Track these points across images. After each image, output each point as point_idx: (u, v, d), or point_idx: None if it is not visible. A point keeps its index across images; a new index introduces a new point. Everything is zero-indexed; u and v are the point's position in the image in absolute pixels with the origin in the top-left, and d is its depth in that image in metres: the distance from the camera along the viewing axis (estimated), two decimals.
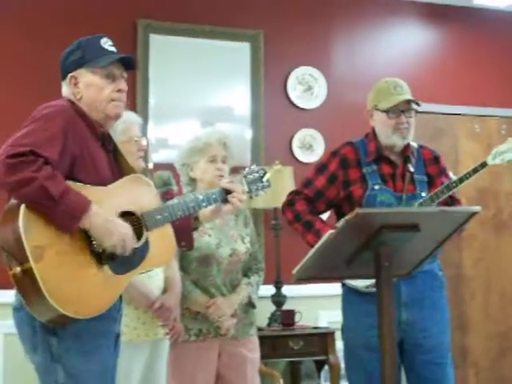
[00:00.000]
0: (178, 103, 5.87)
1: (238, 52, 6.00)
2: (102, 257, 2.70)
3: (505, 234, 6.79)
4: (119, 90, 2.91)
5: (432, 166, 3.87)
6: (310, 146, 6.13)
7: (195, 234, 3.62)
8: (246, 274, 3.96)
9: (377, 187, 3.73)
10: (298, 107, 6.15)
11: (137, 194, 2.90)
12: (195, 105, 5.89)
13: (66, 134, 2.69)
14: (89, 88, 2.88)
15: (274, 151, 5.79)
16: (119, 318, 2.91)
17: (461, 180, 3.65)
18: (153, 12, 5.77)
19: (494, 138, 6.77)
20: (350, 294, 3.81)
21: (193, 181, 3.91)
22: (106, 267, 2.71)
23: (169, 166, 4.18)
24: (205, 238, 3.81)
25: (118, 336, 2.90)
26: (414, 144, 3.90)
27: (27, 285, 2.54)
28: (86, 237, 2.67)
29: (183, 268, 3.77)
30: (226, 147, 3.89)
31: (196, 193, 3.19)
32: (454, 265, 6.48)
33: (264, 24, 6.07)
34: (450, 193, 3.69)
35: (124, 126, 3.55)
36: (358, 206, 3.68)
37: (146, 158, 5.03)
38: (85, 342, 2.72)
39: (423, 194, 3.73)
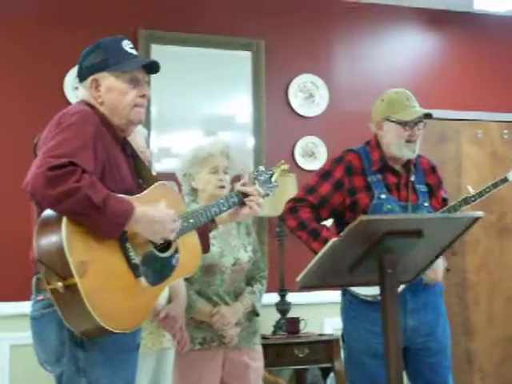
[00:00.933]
0: (180, 112, 5.88)
1: (240, 61, 6.01)
2: (138, 268, 2.67)
3: (509, 238, 6.78)
4: (143, 96, 2.87)
5: (431, 176, 3.90)
6: (313, 154, 6.14)
7: None
8: (248, 283, 3.96)
9: (383, 196, 3.74)
10: (299, 115, 6.16)
11: (164, 201, 2.85)
12: (197, 114, 5.90)
13: (95, 140, 2.65)
14: (111, 92, 2.82)
15: (277, 159, 5.70)
16: (140, 329, 2.88)
17: (480, 194, 3.70)
18: (154, 22, 5.79)
19: (496, 143, 6.77)
20: (354, 302, 3.80)
21: (194, 191, 3.91)
22: (142, 278, 2.68)
23: (171, 176, 4.19)
24: None
25: (138, 348, 2.88)
26: None
27: (68, 299, 2.50)
28: (123, 248, 2.64)
29: (186, 278, 3.77)
30: (229, 158, 3.90)
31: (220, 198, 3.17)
32: (458, 270, 6.48)
33: (265, 33, 6.09)
34: (468, 206, 3.71)
35: (131, 136, 3.54)
36: (362, 214, 3.68)
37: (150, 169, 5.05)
38: (111, 355, 2.69)
39: (426, 204, 3.75)
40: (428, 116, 3.78)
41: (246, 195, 3.14)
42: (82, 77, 2.88)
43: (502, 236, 6.76)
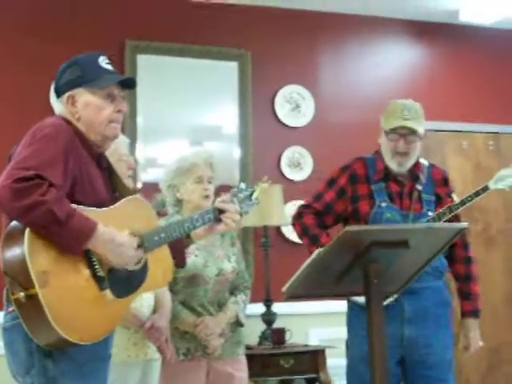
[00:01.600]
0: (167, 123, 5.88)
1: (226, 71, 6.02)
2: (104, 281, 2.66)
3: (494, 249, 6.80)
4: (119, 111, 2.88)
5: (441, 187, 3.90)
6: (299, 164, 6.15)
7: None
8: (232, 293, 3.96)
9: (383, 204, 3.76)
10: (285, 125, 6.17)
11: (136, 215, 2.86)
12: (183, 124, 5.90)
13: (67, 154, 2.65)
14: (87, 108, 2.82)
15: (263, 169, 5.77)
16: (111, 340, 2.88)
17: (462, 203, 3.70)
18: (140, 32, 5.79)
19: (481, 154, 6.80)
20: (353, 309, 3.83)
21: (179, 202, 3.91)
22: (108, 291, 2.67)
23: (157, 186, 4.18)
24: (191, 258, 3.80)
25: (109, 357, 2.87)
26: (425, 162, 3.93)
27: (31, 310, 2.50)
28: (88, 260, 2.63)
29: (170, 288, 3.75)
30: (212, 167, 3.91)
31: (192, 213, 3.17)
32: None
33: (251, 43, 6.10)
34: (452, 214, 3.71)
35: (113, 146, 3.53)
36: (364, 222, 3.73)
37: (134, 178, 5.04)
38: (80, 365, 2.67)
39: (430, 214, 3.75)
40: (412, 130, 3.77)
41: (222, 211, 3.14)
42: (58, 92, 2.89)
43: (487, 246, 6.77)
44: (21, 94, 5.42)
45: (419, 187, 3.82)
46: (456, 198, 3.75)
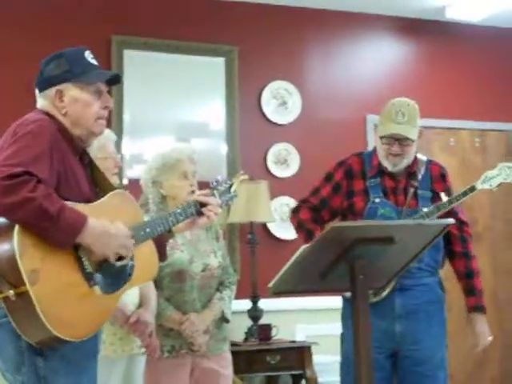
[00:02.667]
0: (153, 119, 5.87)
1: (213, 67, 6.01)
2: (92, 277, 2.65)
3: (480, 245, 6.80)
4: (106, 107, 2.87)
5: (439, 183, 3.89)
6: (285, 161, 6.15)
7: (167, 250, 3.62)
8: (217, 289, 3.95)
9: (377, 200, 3.77)
10: (272, 122, 6.17)
11: (121, 210, 2.85)
12: (170, 120, 5.90)
13: (52, 150, 2.63)
14: (76, 104, 2.80)
15: (249, 166, 5.77)
16: (100, 335, 2.88)
17: (450, 202, 3.70)
18: (127, 27, 5.78)
19: (468, 151, 6.82)
20: (347, 305, 3.83)
21: (164, 198, 3.90)
22: (97, 287, 2.66)
23: None
24: (177, 254, 3.80)
25: (98, 352, 2.86)
26: (423, 158, 3.92)
27: (21, 308, 2.49)
28: (77, 256, 2.62)
29: (156, 284, 3.74)
30: (194, 162, 3.91)
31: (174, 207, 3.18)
32: None
33: (238, 39, 6.10)
34: (439, 213, 3.71)
35: (100, 143, 3.52)
36: (360, 217, 3.74)
37: (120, 175, 5.03)
38: (72, 362, 2.66)
39: (425, 209, 3.75)
40: (405, 137, 3.76)
41: (203, 204, 3.14)
42: (43, 86, 2.85)
43: (474, 243, 6.77)
44: (5, 89, 5.41)
45: (415, 183, 3.82)
46: (444, 198, 3.75)
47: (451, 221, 3.11)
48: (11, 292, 2.46)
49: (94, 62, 2.90)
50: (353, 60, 6.52)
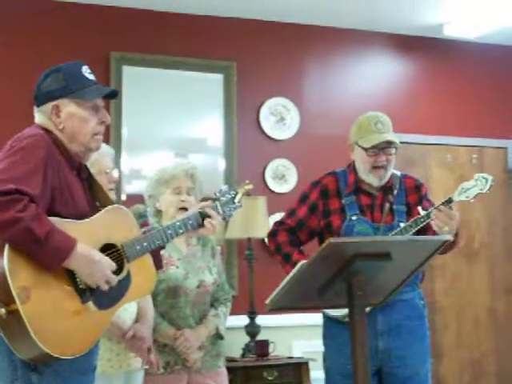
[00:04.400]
0: (152, 134, 5.88)
1: (211, 83, 6.03)
2: (86, 293, 2.65)
3: (476, 262, 6.83)
4: (102, 122, 2.87)
5: (412, 195, 3.89)
6: (283, 176, 6.16)
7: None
8: (213, 305, 3.94)
9: (354, 218, 3.76)
10: (270, 138, 6.19)
11: (116, 225, 2.85)
12: (168, 136, 5.91)
13: (46, 166, 2.62)
14: (72, 119, 2.79)
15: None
16: (97, 351, 2.85)
17: (428, 215, 3.66)
18: (126, 43, 5.80)
19: (465, 167, 6.83)
20: (329, 323, 3.83)
21: (159, 212, 3.90)
22: (90, 303, 2.66)
23: (142, 198, 4.18)
24: (172, 270, 3.80)
25: (94, 369, 2.85)
26: (397, 173, 3.92)
27: (12, 325, 2.48)
28: (70, 273, 2.62)
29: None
30: (194, 179, 3.89)
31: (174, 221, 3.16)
32: (426, 294, 6.42)
33: (237, 55, 6.12)
34: (417, 228, 3.69)
35: (94, 158, 3.49)
36: (336, 236, 3.71)
37: (117, 191, 5.03)
38: (65, 378, 2.65)
39: (401, 225, 3.74)
40: (392, 143, 3.79)
41: (205, 216, 3.12)
42: (40, 101, 2.84)
43: (470, 259, 6.80)
44: (2, 103, 5.43)
45: (390, 198, 3.82)
46: (422, 212, 3.73)
47: (449, 237, 3.12)
48: (2, 310, 2.46)
49: (92, 77, 2.89)
50: (351, 76, 6.54)
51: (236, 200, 3.28)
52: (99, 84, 2.94)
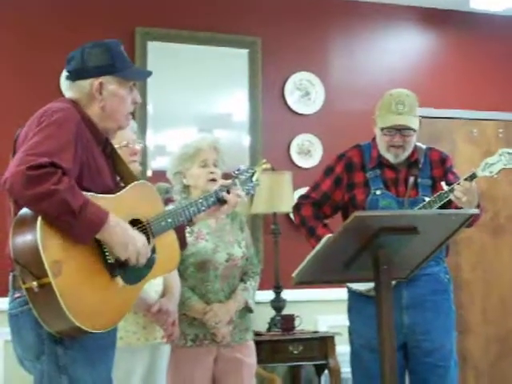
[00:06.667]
0: (177, 110, 5.88)
1: (236, 58, 6.02)
2: (115, 268, 2.66)
3: (502, 237, 6.80)
4: (135, 103, 2.91)
5: (437, 169, 3.88)
6: (308, 152, 6.15)
7: (192, 239, 3.63)
8: (242, 279, 3.96)
9: (378, 192, 3.76)
10: (295, 113, 6.17)
11: (142, 200, 2.86)
12: (193, 111, 5.90)
13: (76, 140, 2.62)
14: (114, 98, 2.81)
15: (273, 156, 5.77)
16: (117, 327, 2.86)
17: (452, 190, 3.65)
18: (151, 19, 5.80)
19: (491, 141, 6.79)
20: (354, 297, 3.85)
21: (186, 188, 3.90)
22: (119, 278, 2.67)
23: (165, 174, 4.16)
24: (201, 244, 3.82)
25: (115, 343, 2.86)
26: (422, 146, 3.91)
27: (44, 298, 2.50)
28: (99, 247, 2.63)
29: (180, 274, 3.75)
30: (217, 151, 3.89)
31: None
32: (451, 269, 6.43)
33: (262, 30, 6.10)
34: (441, 203, 3.68)
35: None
36: (360, 210, 3.72)
37: (144, 166, 5.04)
38: (91, 352, 2.67)
39: (426, 199, 3.73)
40: (407, 127, 3.75)
41: (227, 189, 3.13)
42: (81, 75, 2.81)
43: (495, 234, 6.77)
44: (32, 75, 5.45)
45: (415, 172, 3.81)
46: (445, 187, 3.72)
47: (476, 210, 3.11)
48: (34, 283, 2.48)
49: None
50: (376, 51, 6.50)
51: (254, 178, 3.31)
52: (134, 65, 2.97)
